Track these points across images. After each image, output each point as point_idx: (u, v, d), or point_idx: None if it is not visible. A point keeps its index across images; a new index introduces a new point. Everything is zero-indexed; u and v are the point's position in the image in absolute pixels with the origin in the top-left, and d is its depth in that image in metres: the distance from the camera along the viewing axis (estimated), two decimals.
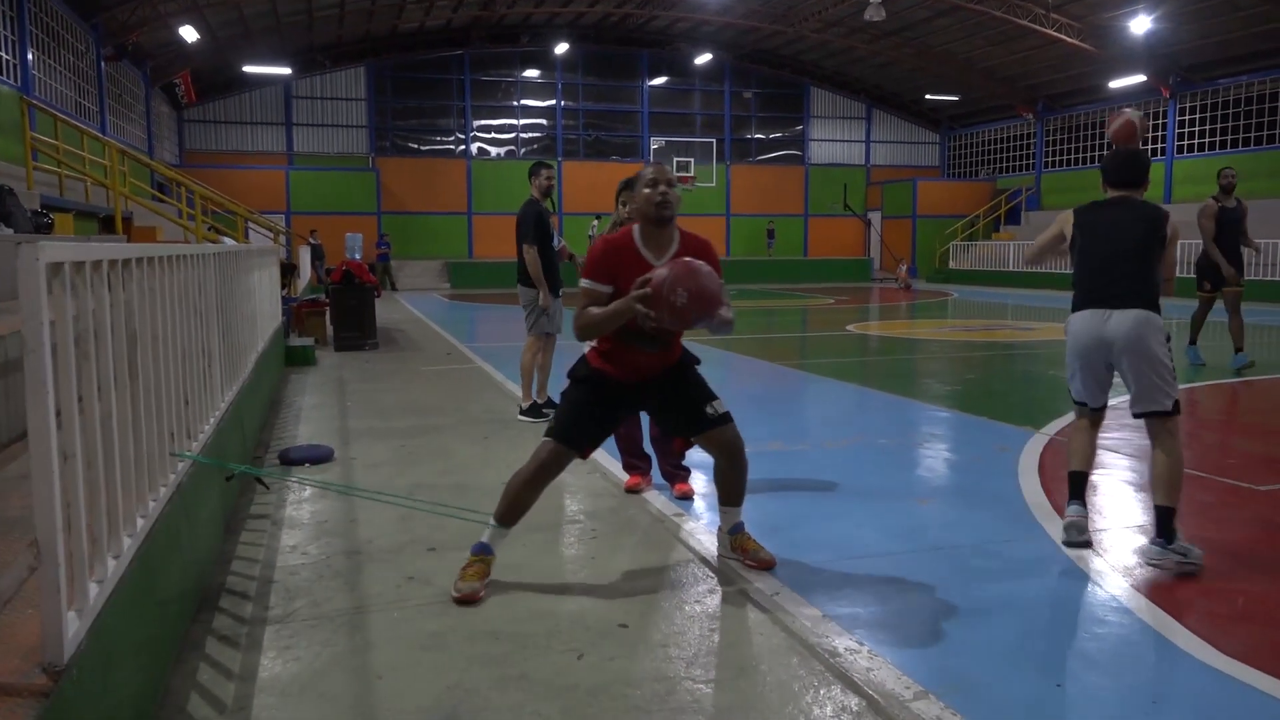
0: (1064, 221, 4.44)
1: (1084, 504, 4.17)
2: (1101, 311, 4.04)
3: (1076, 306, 4.22)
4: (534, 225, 6.99)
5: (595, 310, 3.56)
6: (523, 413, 7.10)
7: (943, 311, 19.26)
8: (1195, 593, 3.55)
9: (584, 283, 3.62)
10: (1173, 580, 3.67)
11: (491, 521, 3.70)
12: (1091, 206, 4.33)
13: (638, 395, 3.79)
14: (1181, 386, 5.61)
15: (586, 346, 3.85)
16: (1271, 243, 20.77)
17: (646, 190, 3.57)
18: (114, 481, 2.39)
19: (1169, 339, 4.06)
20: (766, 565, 3.78)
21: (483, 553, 3.64)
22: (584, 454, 3.75)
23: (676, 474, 4.98)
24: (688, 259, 3.48)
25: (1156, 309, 4.02)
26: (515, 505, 3.67)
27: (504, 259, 31.77)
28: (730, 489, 3.85)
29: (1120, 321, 3.96)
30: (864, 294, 25.85)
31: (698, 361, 3.92)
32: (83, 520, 2.09)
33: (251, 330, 6.64)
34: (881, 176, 36.80)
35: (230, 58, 27.24)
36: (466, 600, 3.46)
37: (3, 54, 14.52)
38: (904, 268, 29.77)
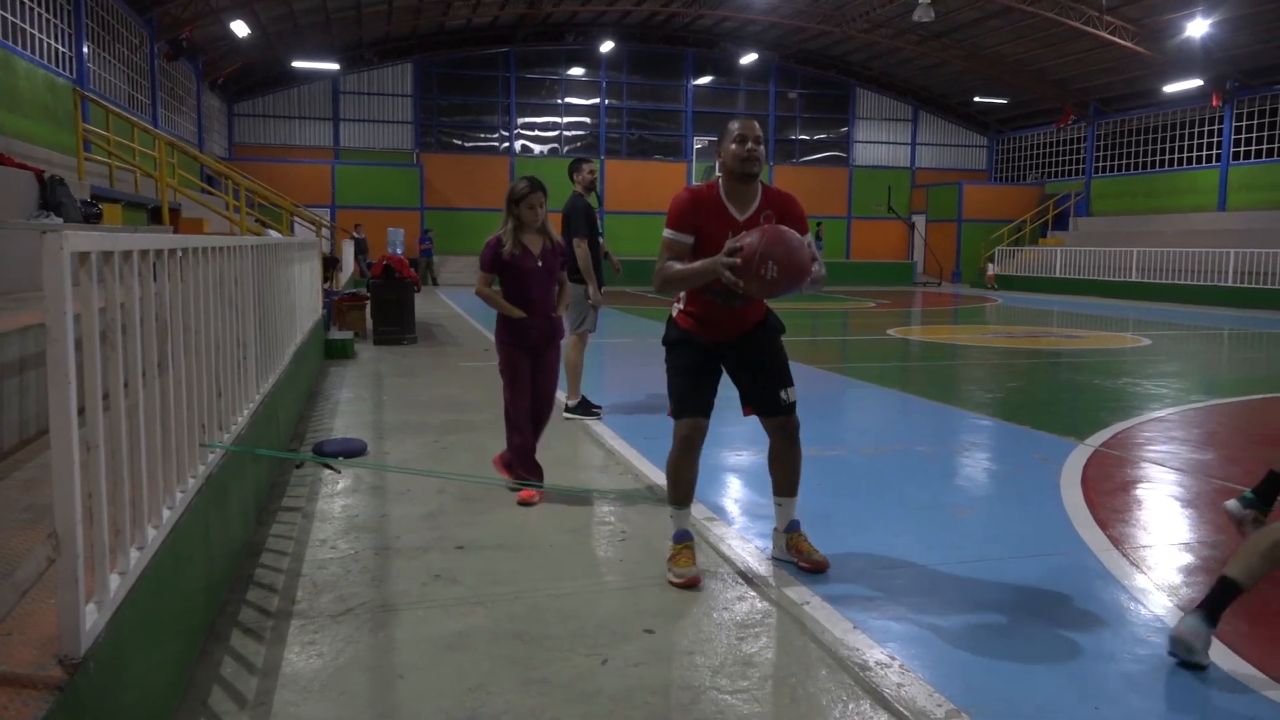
0: None
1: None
2: None
3: None
4: (584, 219, 6.95)
5: (678, 265, 3.57)
6: (570, 410, 7.04)
7: (985, 317, 18.96)
8: (1242, 615, 3.42)
9: (667, 233, 3.61)
10: None
11: (671, 509, 3.82)
12: None
13: (724, 352, 3.80)
14: (1223, 401, 5.43)
15: (674, 310, 3.85)
16: None
17: (734, 146, 3.56)
18: (139, 473, 2.39)
19: None
20: (819, 568, 3.78)
21: (684, 540, 3.74)
22: (705, 414, 3.78)
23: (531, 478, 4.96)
24: (780, 226, 3.44)
25: None
26: (680, 485, 3.79)
27: None
28: (786, 476, 3.90)
29: None
30: (906, 298, 25.54)
31: (783, 329, 3.89)
32: (104, 511, 2.08)
33: (290, 323, 6.68)
34: (927, 179, 36.35)
35: (280, 53, 27.59)
36: (690, 585, 3.58)
37: (59, 46, 14.81)
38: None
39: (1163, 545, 4.24)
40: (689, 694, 2.77)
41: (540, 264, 4.90)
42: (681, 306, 3.80)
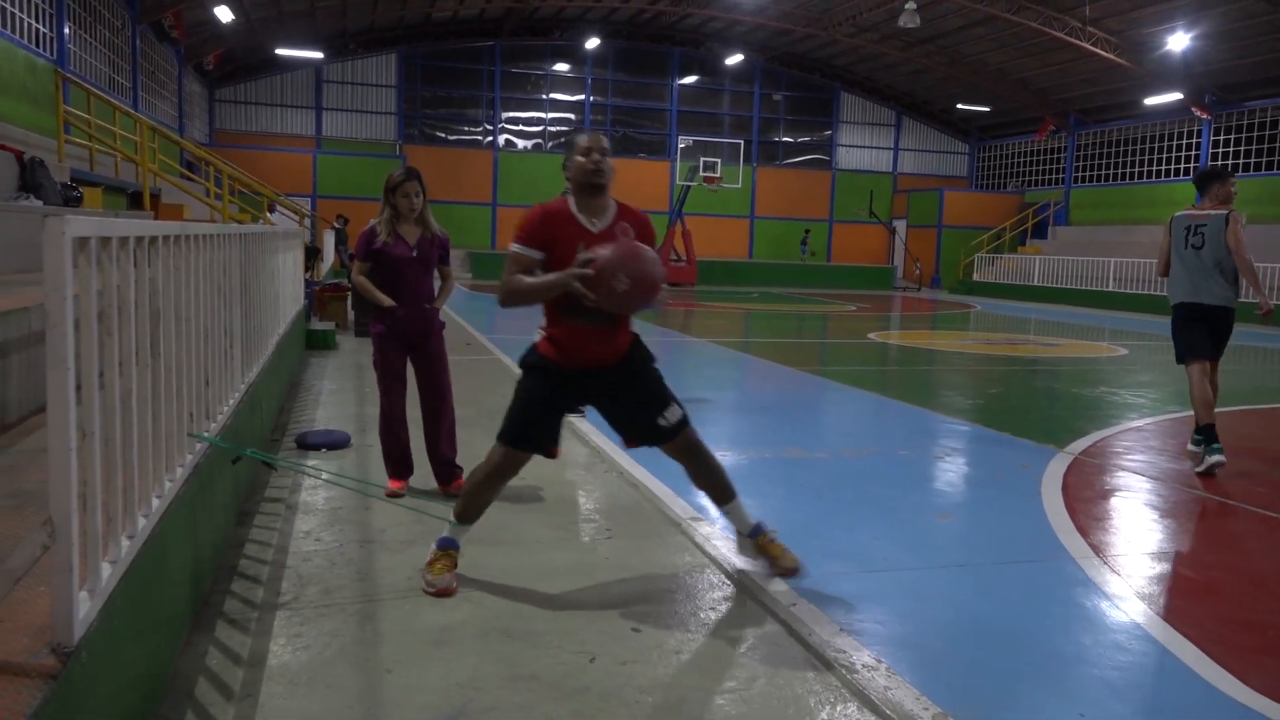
0: None
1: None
2: None
3: None
4: None
5: (526, 279, 3.45)
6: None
7: (965, 324, 19.11)
8: (1223, 623, 3.47)
9: (514, 248, 3.46)
10: (1199, 609, 3.59)
11: (451, 519, 3.66)
12: None
13: (588, 387, 3.61)
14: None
15: (537, 335, 3.67)
16: None
17: (580, 158, 3.47)
18: (131, 461, 2.36)
19: None
20: (791, 573, 3.66)
21: (449, 548, 3.61)
22: (547, 453, 3.62)
23: (451, 472, 4.88)
24: (634, 241, 3.37)
25: None
26: (472, 505, 3.64)
27: None
28: (714, 487, 3.72)
29: None
30: (886, 302, 25.68)
31: (653, 359, 3.73)
32: (98, 499, 2.06)
33: (274, 312, 6.63)
34: (909, 185, 36.56)
35: (263, 39, 27.33)
36: (443, 594, 3.45)
37: (40, 27, 14.59)
38: (918, 267, 29.89)
39: (1142, 553, 4.29)
40: (677, 693, 2.78)
41: (415, 254, 4.84)
42: (544, 330, 3.61)
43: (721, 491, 3.72)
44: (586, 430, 6.52)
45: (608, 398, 3.64)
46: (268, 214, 16.06)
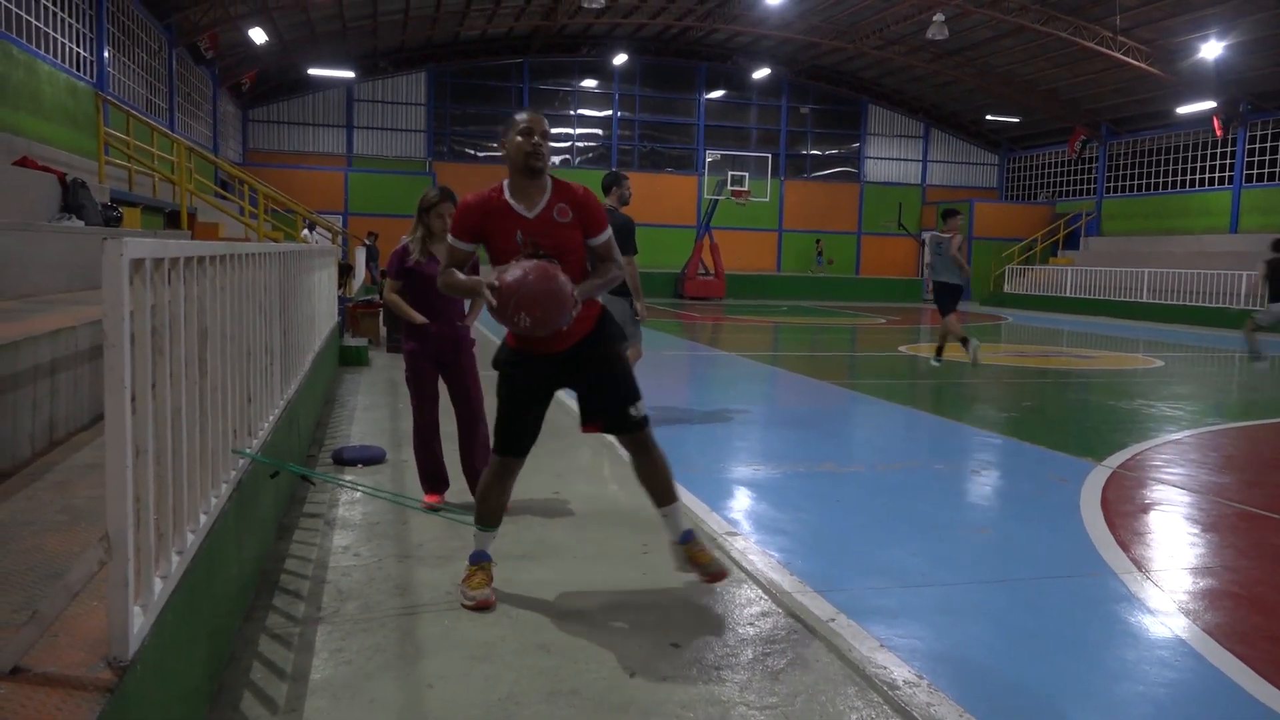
0: None
1: None
2: None
3: None
4: (630, 236, 6.92)
5: (456, 274, 3.49)
6: None
7: (997, 336, 18.95)
8: (1274, 640, 3.41)
9: (449, 239, 3.48)
10: (1247, 625, 3.53)
11: (476, 528, 3.69)
12: None
13: (562, 369, 3.55)
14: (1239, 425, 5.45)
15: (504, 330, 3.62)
16: None
17: (519, 139, 3.36)
18: (181, 477, 2.40)
19: None
20: (718, 579, 3.62)
21: (482, 561, 3.64)
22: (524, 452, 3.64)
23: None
24: (548, 270, 3.23)
25: None
26: (488, 509, 3.66)
27: None
28: (657, 487, 3.67)
29: None
30: (915, 314, 25.52)
31: (622, 339, 3.70)
32: (151, 515, 2.09)
33: (310, 329, 6.72)
34: (938, 196, 36.36)
35: (296, 60, 27.76)
36: (483, 606, 3.47)
37: (81, 50, 14.91)
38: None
39: (1186, 568, 4.23)
40: (718, 709, 2.77)
41: None
42: None
43: (665, 493, 3.67)
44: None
45: (576, 380, 3.61)
46: (304, 233, 16.26)
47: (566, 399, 3.96)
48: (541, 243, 3.39)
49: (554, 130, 28.53)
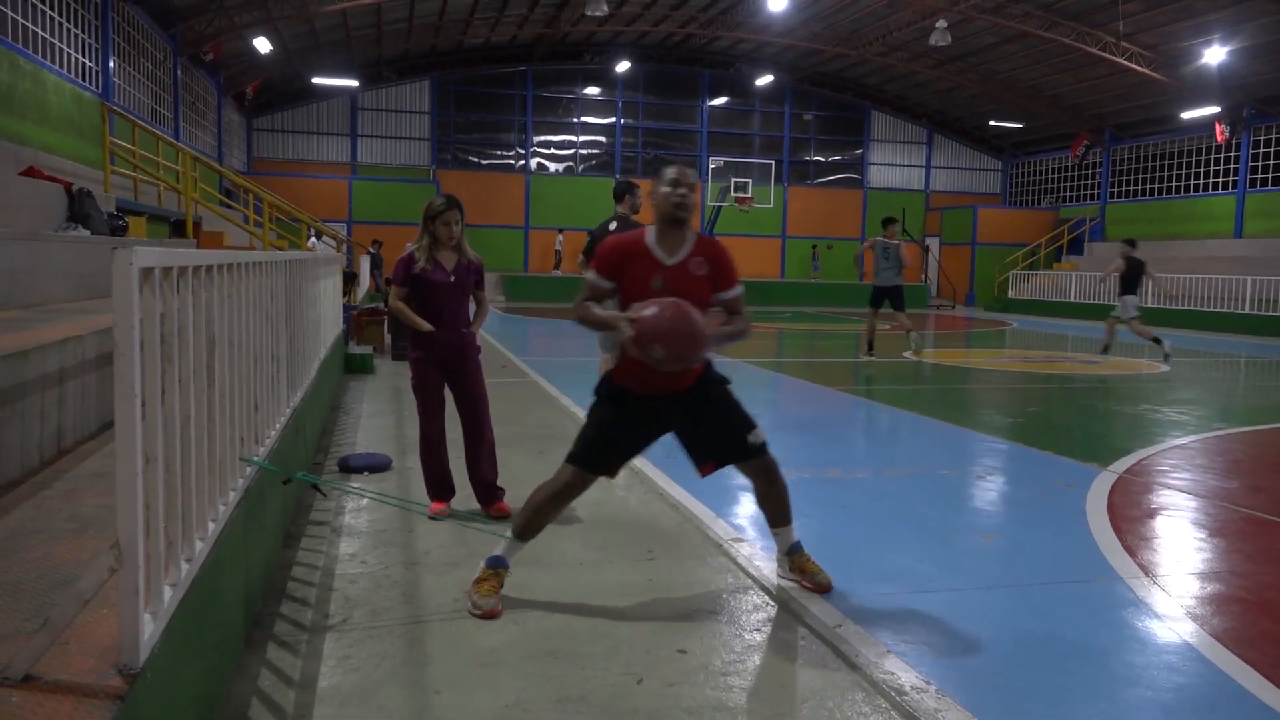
0: None
1: None
2: None
3: None
4: None
5: (592, 307, 3.59)
6: None
7: (1001, 341, 18.94)
8: (1276, 643, 3.40)
9: (588, 275, 3.63)
10: (1255, 630, 3.53)
11: (508, 535, 3.69)
12: None
13: (662, 413, 3.66)
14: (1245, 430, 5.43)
15: (611, 361, 3.81)
16: None
17: (665, 189, 3.55)
18: (189, 485, 2.41)
19: None
20: (824, 589, 3.78)
21: (498, 566, 3.64)
22: (611, 474, 3.71)
23: (493, 494, 4.90)
24: (683, 308, 3.35)
25: None
26: (534, 522, 3.67)
27: (569, 274, 31.98)
28: (778, 510, 3.86)
29: None
30: (920, 320, 25.50)
31: (728, 381, 3.80)
32: (161, 523, 2.10)
33: (316, 337, 6.73)
34: (941, 202, 36.38)
35: (300, 68, 27.86)
36: (489, 616, 3.47)
37: (86, 61, 14.98)
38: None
39: (1193, 573, 4.23)
40: (726, 715, 2.77)
41: (453, 279, 4.89)
42: (618, 358, 3.66)
43: (784, 515, 3.85)
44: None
45: (684, 425, 3.71)
46: (310, 241, 16.30)
47: (577, 408, 3.95)
48: (675, 291, 3.48)
49: (556, 138, 28.43)
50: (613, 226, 7.09)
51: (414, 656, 3.13)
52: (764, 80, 32.71)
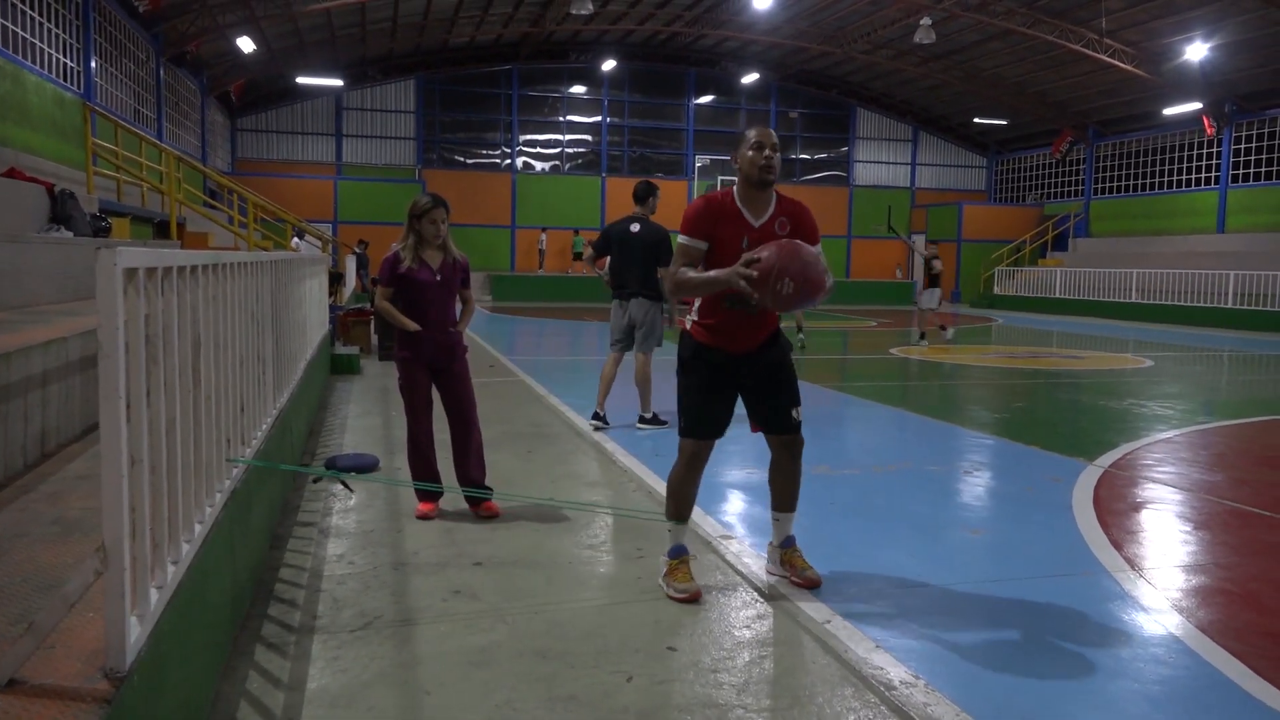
0: None
1: None
2: None
3: None
4: (669, 247, 7.06)
5: (691, 273, 3.61)
6: (642, 420, 7.43)
7: (987, 337, 19.02)
8: (1265, 635, 3.43)
9: (682, 239, 3.66)
10: (1240, 621, 3.55)
11: (670, 524, 3.82)
12: None
13: (739, 370, 3.75)
14: (1228, 423, 5.45)
15: (688, 323, 3.85)
16: None
17: (750, 153, 3.60)
18: (175, 487, 2.40)
19: None
20: (812, 584, 3.80)
21: (681, 554, 3.77)
22: (719, 434, 3.80)
23: (481, 494, 4.89)
24: (796, 242, 3.47)
25: None
26: (681, 501, 3.82)
27: (553, 273, 31.93)
28: (786, 493, 3.93)
29: None
30: (906, 316, 25.59)
31: (792, 348, 3.95)
32: (147, 525, 2.09)
33: (302, 338, 6.70)
34: (927, 199, 36.50)
35: (284, 68, 27.72)
36: (692, 599, 3.61)
37: (68, 61, 14.87)
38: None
39: (1178, 566, 4.25)
40: (716, 712, 2.77)
41: (439, 278, 4.88)
42: (696, 318, 3.79)
43: (790, 499, 3.93)
44: (613, 450, 6.54)
45: (753, 384, 3.80)
46: (294, 241, 16.23)
47: (564, 406, 3.95)
48: None
49: (542, 137, 28.39)
50: (634, 228, 7.19)
51: (403, 657, 3.12)
52: (749, 78, 32.75)
